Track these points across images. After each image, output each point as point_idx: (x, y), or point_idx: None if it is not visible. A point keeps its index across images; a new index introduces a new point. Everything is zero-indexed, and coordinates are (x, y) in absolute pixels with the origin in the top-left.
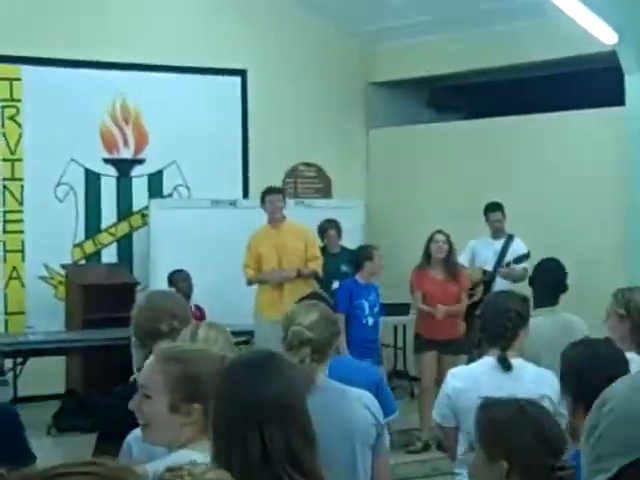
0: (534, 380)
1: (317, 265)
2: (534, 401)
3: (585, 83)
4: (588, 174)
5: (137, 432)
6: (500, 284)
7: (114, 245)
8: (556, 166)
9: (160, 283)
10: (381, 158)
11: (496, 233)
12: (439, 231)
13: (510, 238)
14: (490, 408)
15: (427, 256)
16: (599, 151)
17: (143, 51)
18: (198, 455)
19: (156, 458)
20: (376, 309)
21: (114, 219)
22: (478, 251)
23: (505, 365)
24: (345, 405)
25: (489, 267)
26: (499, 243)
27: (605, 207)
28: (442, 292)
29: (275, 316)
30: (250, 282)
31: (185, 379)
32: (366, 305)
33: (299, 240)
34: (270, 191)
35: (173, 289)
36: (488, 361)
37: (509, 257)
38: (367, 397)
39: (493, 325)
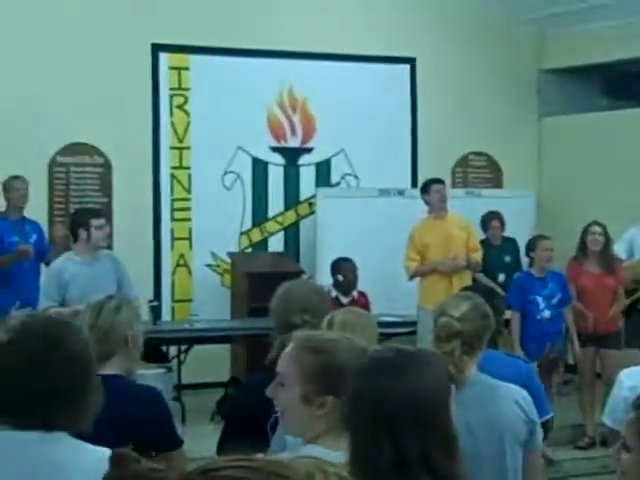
0: None
1: (479, 256)
2: None
3: None
4: None
5: None
6: None
7: (281, 234)
8: None
9: (326, 273)
10: (553, 147)
11: None
12: (595, 222)
13: None
14: None
15: (582, 248)
16: None
17: (311, 39)
18: (332, 453)
19: (288, 449)
20: (555, 300)
21: (281, 208)
22: (637, 241)
23: None
24: (495, 401)
25: None
26: None
27: None
28: (598, 286)
29: None
30: (413, 275)
31: (319, 370)
32: (540, 299)
33: (462, 230)
34: (436, 181)
35: (339, 277)
36: None
37: None
38: (518, 392)
39: None
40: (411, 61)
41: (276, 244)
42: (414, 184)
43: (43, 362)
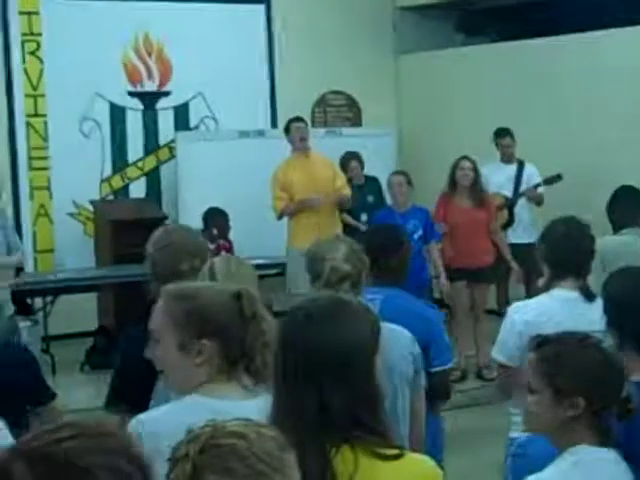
0: None
1: (348, 191)
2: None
3: None
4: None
5: None
6: (521, 209)
7: (142, 179)
8: (598, 90)
9: (189, 217)
10: (411, 84)
11: (506, 158)
12: (465, 157)
13: (521, 163)
14: (558, 342)
15: (452, 183)
16: None
17: None
18: (215, 402)
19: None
20: (417, 235)
21: (141, 153)
22: (489, 176)
23: (588, 295)
24: (386, 342)
25: (506, 192)
26: (511, 168)
27: None
28: (470, 221)
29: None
30: (281, 215)
31: (191, 315)
32: None
33: (328, 169)
34: (295, 119)
35: (214, 230)
36: (561, 293)
37: (525, 182)
38: (404, 332)
39: (570, 254)
40: (266, 0)
41: (138, 190)
42: (274, 125)
43: None
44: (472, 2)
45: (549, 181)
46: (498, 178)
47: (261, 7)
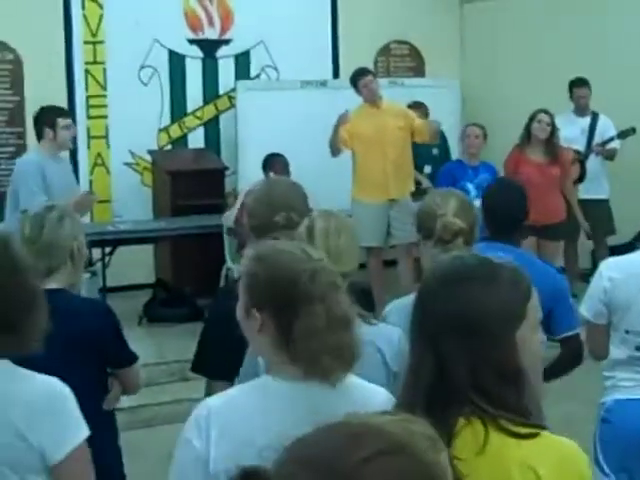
0: None
1: (432, 122)
2: None
3: None
4: None
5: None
6: (592, 163)
7: (201, 129)
8: None
9: (249, 167)
10: (475, 34)
11: (581, 110)
12: (543, 110)
13: (596, 115)
14: None
15: (527, 136)
16: None
17: None
18: (286, 385)
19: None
20: None
21: (200, 102)
22: (562, 129)
23: None
24: None
25: (578, 146)
26: (585, 121)
27: None
28: (541, 175)
29: (377, 199)
30: (338, 150)
31: (253, 280)
32: (470, 186)
33: (400, 119)
34: (361, 73)
35: (271, 174)
36: None
37: (598, 135)
38: None
39: None
40: None
41: (196, 140)
42: (335, 75)
43: None
44: None
45: (622, 135)
46: (570, 131)
47: None
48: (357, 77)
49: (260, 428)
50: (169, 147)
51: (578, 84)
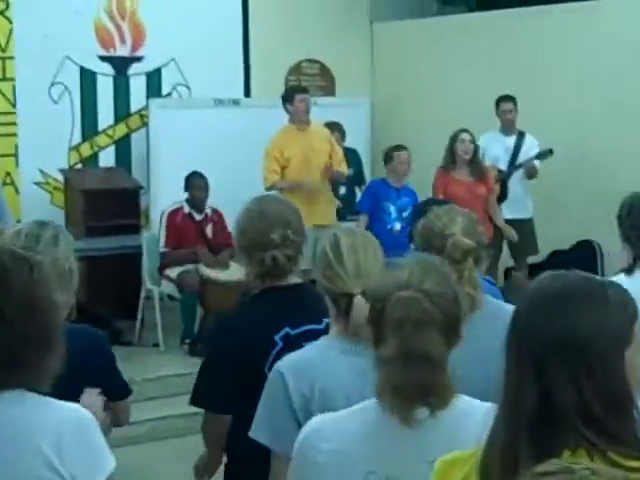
0: None
1: (346, 167)
2: None
3: None
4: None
5: (290, 360)
6: (514, 183)
7: (111, 148)
8: (580, 60)
9: (161, 186)
10: (385, 53)
11: (507, 126)
12: (464, 130)
13: (522, 135)
14: None
15: (451, 156)
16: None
17: None
18: None
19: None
20: (406, 213)
21: (112, 120)
22: (487, 148)
23: None
24: (503, 323)
25: (502, 165)
26: (510, 140)
27: None
28: (470, 195)
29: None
30: (271, 187)
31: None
32: (392, 208)
33: (325, 142)
34: (299, 90)
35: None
36: None
37: (522, 155)
38: None
39: None
40: None
41: (107, 159)
42: (247, 94)
43: None
44: None
45: (540, 156)
46: (495, 150)
47: None
48: (294, 92)
49: (368, 454)
50: (79, 166)
51: (504, 99)
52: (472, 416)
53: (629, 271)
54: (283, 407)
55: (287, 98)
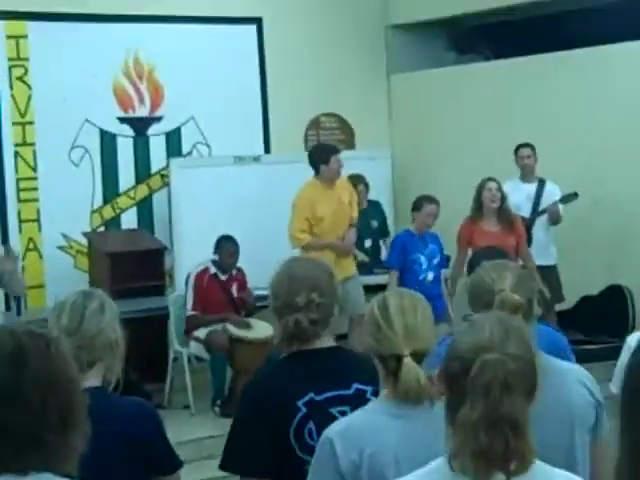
0: None
1: (356, 213)
2: None
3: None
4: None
5: (340, 426)
6: (537, 230)
7: (133, 209)
8: (598, 106)
9: (184, 246)
10: (403, 104)
11: (526, 173)
12: (491, 178)
13: (542, 182)
14: None
15: (478, 206)
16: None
17: (154, 2)
18: None
19: None
20: (436, 260)
21: (133, 182)
22: (508, 196)
23: None
24: (561, 383)
25: (523, 213)
26: (531, 187)
27: None
28: (499, 245)
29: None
30: (305, 248)
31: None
32: (423, 259)
33: (347, 192)
34: (335, 150)
35: (223, 256)
36: None
37: (544, 201)
38: (581, 371)
39: None
40: (257, 21)
41: (129, 220)
42: (267, 150)
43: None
44: (463, 20)
45: (565, 199)
46: (516, 198)
47: (253, 28)
48: (330, 153)
49: None
50: (102, 229)
51: (522, 146)
52: None
53: None
54: (332, 474)
55: (322, 159)
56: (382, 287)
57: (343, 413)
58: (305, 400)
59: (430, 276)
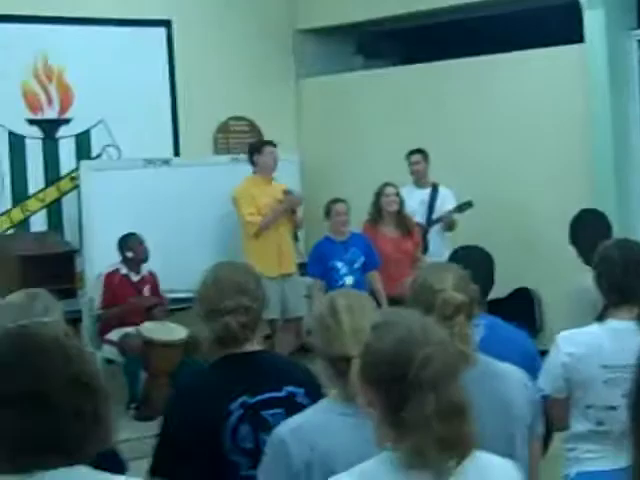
0: None
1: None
2: None
3: (542, 20)
4: (542, 119)
5: (291, 425)
6: (433, 237)
7: (42, 212)
8: (502, 110)
9: (95, 249)
10: (312, 109)
11: (418, 178)
12: (389, 184)
13: (435, 187)
14: None
15: (377, 211)
16: (555, 91)
17: (63, 3)
18: None
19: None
20: (357, 264)
21: (42, 184)
22: (409, 203)
23: None
24: (501, 382)
25: (418, 218)
26: (425, 193)
27: (569, 157)
28: (396, 250)
29: (273, 273)
30: (259, 231)
31: (366, 354)
32: (340, 264)
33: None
34: (268, 142)
35: (130, 254)
36: (613, 324)
37: (438, 207)
38: (520, 372)
39: (627, 281)
40: (167, 24)
41: (38, 223)
42: (177, 153)
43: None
44: (372, 25)
45: (460, 208)
46: (411, 203)
47: (162, 31)
48: (263, 144)
49: None
50: (10, 231)
51: (412, 152)
52: (493, 468)
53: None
54: (284, 473)
55: (256, 149)
56: None
57: (275, 416)
58: (238, 403)
59: (350, 280)
